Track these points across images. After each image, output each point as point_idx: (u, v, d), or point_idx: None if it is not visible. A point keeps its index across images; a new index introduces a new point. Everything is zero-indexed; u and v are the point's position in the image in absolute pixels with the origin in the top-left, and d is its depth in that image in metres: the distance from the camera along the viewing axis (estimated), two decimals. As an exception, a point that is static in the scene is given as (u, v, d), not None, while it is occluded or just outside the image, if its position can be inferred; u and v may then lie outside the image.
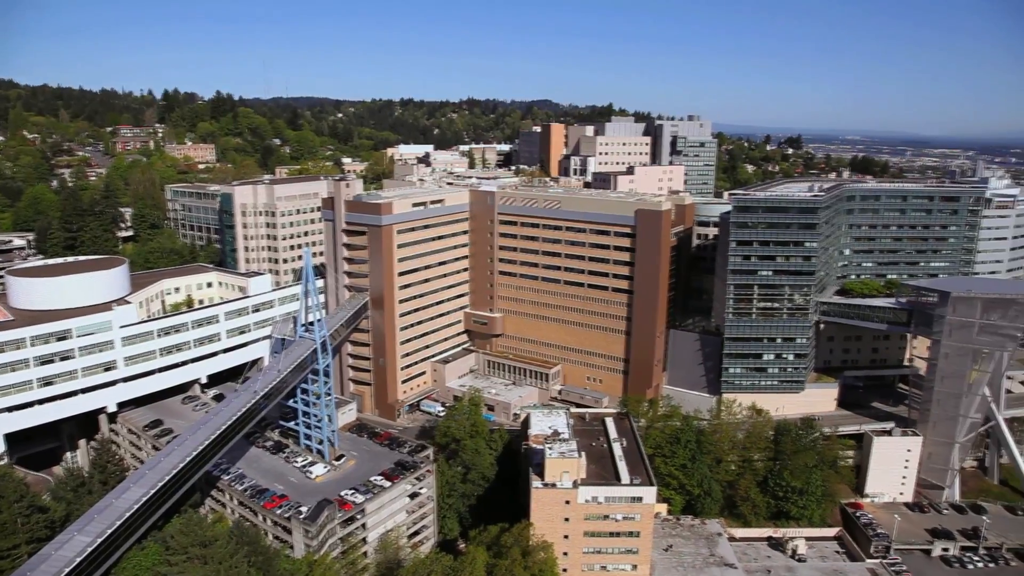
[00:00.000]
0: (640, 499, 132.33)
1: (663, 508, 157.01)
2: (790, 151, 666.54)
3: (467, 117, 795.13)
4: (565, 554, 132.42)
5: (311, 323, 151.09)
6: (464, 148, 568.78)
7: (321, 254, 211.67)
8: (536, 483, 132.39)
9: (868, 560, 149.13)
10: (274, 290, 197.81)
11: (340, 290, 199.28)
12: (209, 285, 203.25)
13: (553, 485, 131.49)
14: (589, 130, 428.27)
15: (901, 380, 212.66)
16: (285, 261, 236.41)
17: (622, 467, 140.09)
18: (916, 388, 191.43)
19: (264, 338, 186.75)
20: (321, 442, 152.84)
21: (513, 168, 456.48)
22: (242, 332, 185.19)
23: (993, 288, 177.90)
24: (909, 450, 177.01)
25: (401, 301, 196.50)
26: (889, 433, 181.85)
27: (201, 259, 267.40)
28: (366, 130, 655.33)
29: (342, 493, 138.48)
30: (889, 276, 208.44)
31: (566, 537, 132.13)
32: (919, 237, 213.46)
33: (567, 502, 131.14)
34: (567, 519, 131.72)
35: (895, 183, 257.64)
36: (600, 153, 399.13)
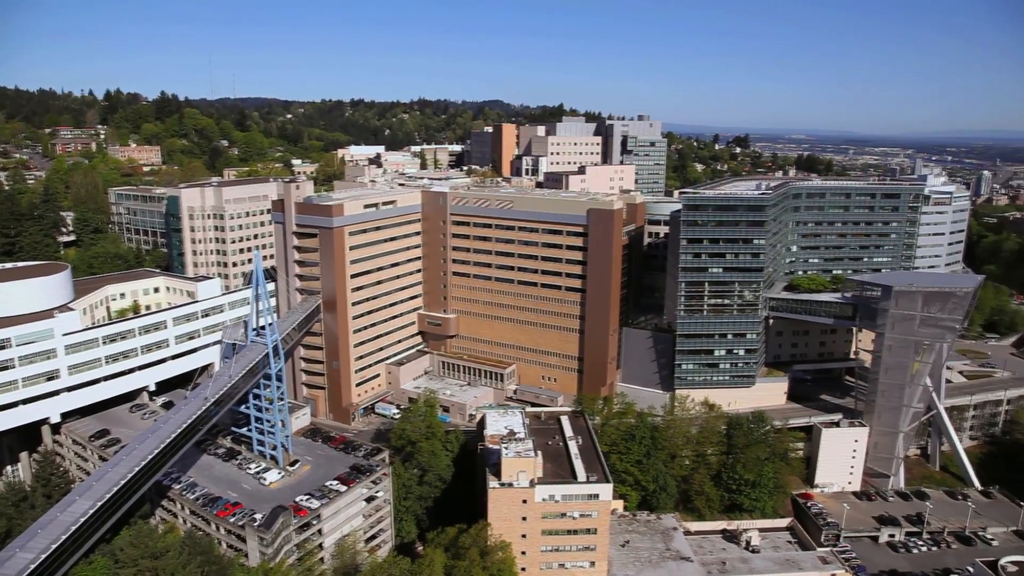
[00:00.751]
0: (596, 496, 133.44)
1: (619, 504, 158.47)
2: (738, 150, 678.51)
3: (418, 118, 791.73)
4: (523, 553, 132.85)
5: (262, 327, 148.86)
6: (416, 149, 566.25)
7: (271, 257, 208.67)
8: (493, 483, 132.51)
9: (819, 548, 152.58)
10: (224, 294, 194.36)
11: (292, 293, 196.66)
12: (156, 290, 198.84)
13: (510, 485, 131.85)
14: (540, 130, 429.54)
15: (848, 373, 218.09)
16: (235, 265, 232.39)
17: (578, 465, 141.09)
18: (862, 380, 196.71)
19: (214, 343, 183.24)
20: (275, 448, 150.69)
21: (465, 168, 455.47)
22: (191, 338, 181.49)
23: (933, 282, 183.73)
24: (856, 440, 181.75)
25: (354, 303, 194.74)
26: (837, 424, 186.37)
27: (147, 264, 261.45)
28: (316, 131, 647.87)
29: (297, 499, 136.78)
30: (834, 271, 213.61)
31: (524, 536, 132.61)
32: (862, 233, 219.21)
33: (524, 501, 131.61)
34: (524, 518, 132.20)
35: (839, 181, 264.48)
36: (552, 153, 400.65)
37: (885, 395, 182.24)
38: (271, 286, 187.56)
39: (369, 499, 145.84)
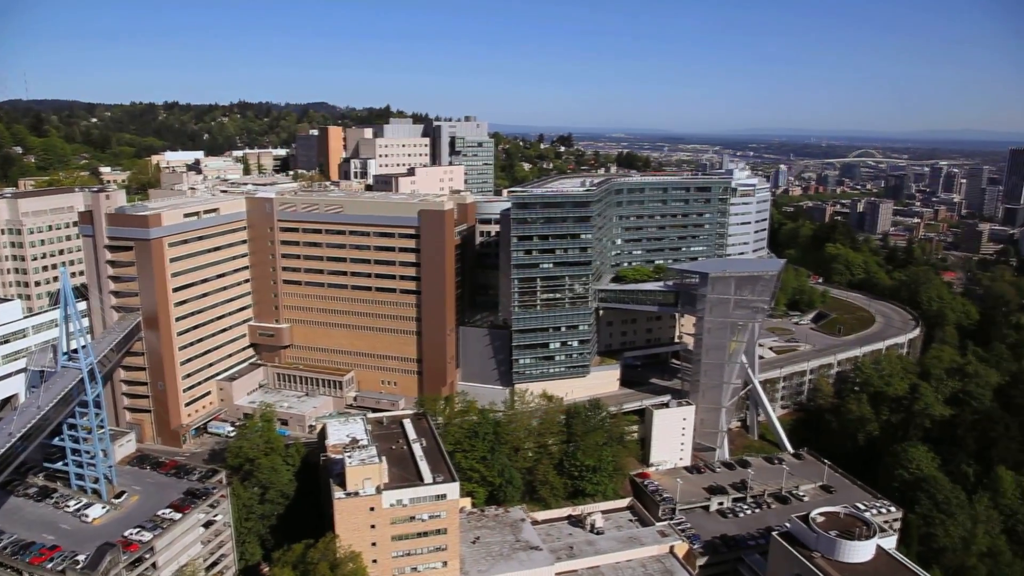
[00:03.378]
0: (444, 496, 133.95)
1: (467, 502, 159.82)
2: (562, 149, 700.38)
3: (239, 121, 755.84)
4: (375, 561, 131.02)
5: (75, 350, 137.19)
6: (238, 154, 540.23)
7: (82, 274, 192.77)
8: (338, 493, 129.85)
9: (658, 523, 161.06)
10: (26, 317, 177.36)
11: (107, 311, 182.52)
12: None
13: (356, 494, 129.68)
14: (368, 132, 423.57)
15: (673, 356, 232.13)
16: (38, 284, 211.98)
17: (424, 467, 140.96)
18: (686, 362, 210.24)
19: (18, 372, 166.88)
20: (97, 480, 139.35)
21: (291, 173, 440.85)
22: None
23: (743, 267, 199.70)
24: (685, 419, 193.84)
25: (178, 319, 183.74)
26: (667, 405, 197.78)
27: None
28: (127, 136, 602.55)
29: (126, 533, 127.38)
30: (657, 262, 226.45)
31: (374, 544, 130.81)
32: (679, 225, 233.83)
33: (372, 509, 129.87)
34: (373, 526, 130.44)
35: (656, 176, 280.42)
36: (380, 155, 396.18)
37: (707, 374, 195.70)
38: (82, 305, 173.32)
39: (207, 524, 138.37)
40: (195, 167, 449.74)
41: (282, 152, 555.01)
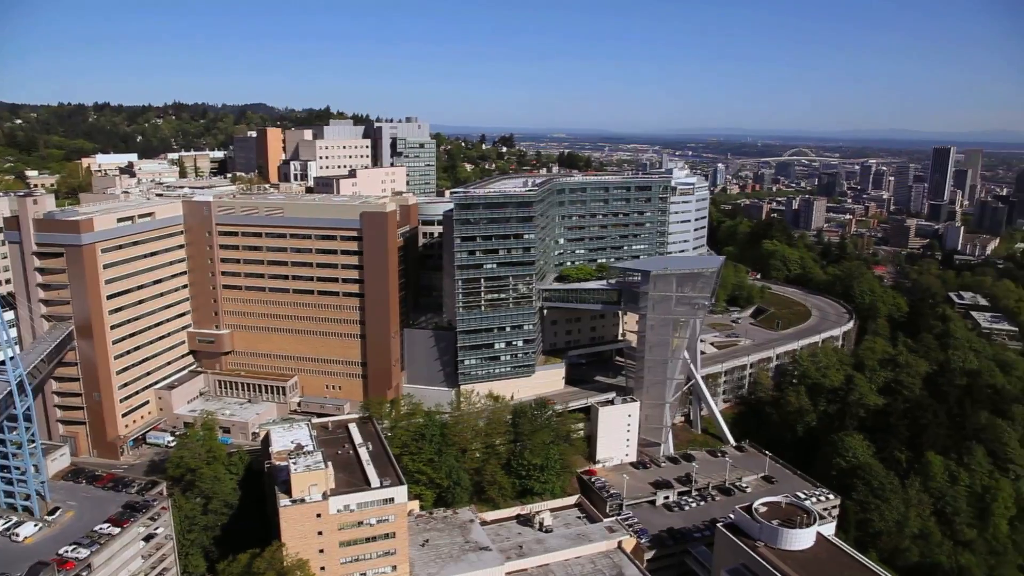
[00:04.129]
0: (392, 500, 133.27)
1: (415, 505, 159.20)
2: (504, 149, 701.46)
3: (174, 123, 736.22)
4: (323, 568, 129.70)
5: (1, 362, 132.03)
6: (173, 156, 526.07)
7: (8, 282, 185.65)
8: (284, 501, 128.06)
9: (605, 519, 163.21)
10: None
11: (37, 321, 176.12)
12: None
13: (302, 500, 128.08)
14: (307, 134, 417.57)
15: (617, 353, 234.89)
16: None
17: (371, 471, 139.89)
18: (630, 359, 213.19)
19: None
20: (28, 497, 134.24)
21: (229, 176, 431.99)
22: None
23: (684, 264, 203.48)
24: (630, 415, 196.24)
25: (113, 327, 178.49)
26: (612, 403, 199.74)
27: None
28: (55, 138, 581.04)
29: (61, 551, 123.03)
30: (599, 260, 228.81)
31: (321, 551, 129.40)
32: (621, 224, 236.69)
33: (319, 515, 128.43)
34: (321, 532, 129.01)
35: (598, 176, 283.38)
36: (321, 157, 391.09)
37: (651, 371, 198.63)
38: (9, 315, 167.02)
39: (148, 538, 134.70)
40: (129, 170, 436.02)
41: (219, 155, 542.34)
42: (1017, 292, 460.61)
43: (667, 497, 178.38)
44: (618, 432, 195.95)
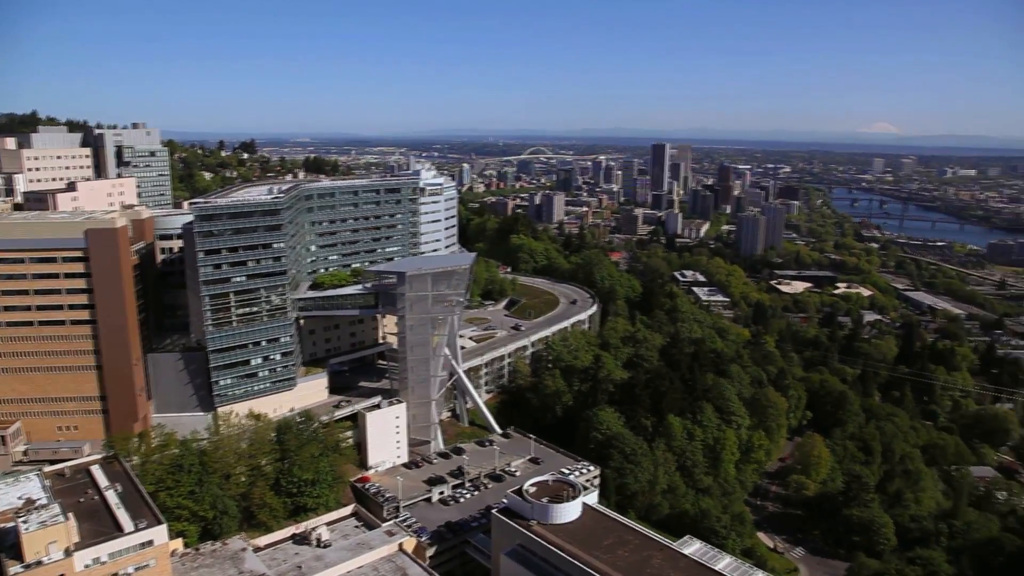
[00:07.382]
0: (151, 542, 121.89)
1: (179, 544, 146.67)
2: (245, 156, 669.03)
3: None
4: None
5: None
6: None
7: None
8: (15, 568, 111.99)
9: (383, 524, 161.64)
10: None
11: None
12: None
13: (38, 564, 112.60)
14: (11, 143, 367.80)
15: (380, 357, 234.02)
16: None
17: (122, 515, 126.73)
18: (393, 361, 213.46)
19: None
20: None
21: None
22: None
23: (437, 263, 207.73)
24: (397, 417, 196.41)
25: None
26: (378, 407, 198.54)
27: None
28: None
29: None
30: (354, 265, 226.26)
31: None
32: (373, 227, 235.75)
33: None
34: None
35: (346, 180, 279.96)
36: (30, 169, 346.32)
37: (414, 371, 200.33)
38: None
39: None
40: None
41: None
42: (727, 268, 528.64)
43: (442, 492, 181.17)
44: (387, 435, 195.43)
